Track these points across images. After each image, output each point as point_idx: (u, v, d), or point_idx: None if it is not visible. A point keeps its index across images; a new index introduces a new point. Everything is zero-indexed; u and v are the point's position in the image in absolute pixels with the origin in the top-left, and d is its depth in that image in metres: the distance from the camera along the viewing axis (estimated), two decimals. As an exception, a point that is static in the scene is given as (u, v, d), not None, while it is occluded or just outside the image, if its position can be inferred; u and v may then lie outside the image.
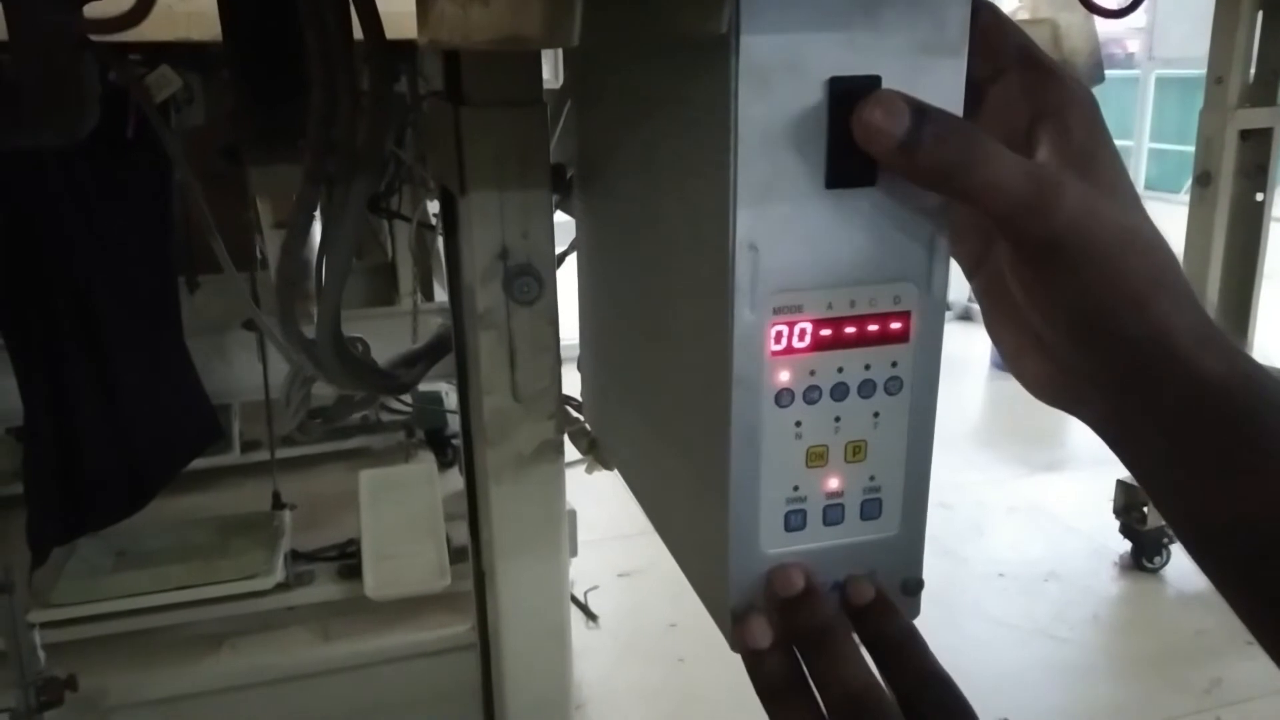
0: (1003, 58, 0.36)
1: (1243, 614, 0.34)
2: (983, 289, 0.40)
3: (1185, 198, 2.11)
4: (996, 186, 0.32)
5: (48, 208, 1.18)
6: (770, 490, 0.37)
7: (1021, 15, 2.18)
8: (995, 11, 0.36)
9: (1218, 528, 0.34)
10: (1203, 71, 1.98)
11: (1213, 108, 1.97)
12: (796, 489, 0.38)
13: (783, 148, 0.33)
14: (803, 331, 0.36)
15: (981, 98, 0.36)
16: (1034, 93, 0.36)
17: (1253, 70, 1.94)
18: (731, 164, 0.33)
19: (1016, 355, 0.40)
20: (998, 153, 0.32)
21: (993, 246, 0.39)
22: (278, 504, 1.60)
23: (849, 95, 0.33)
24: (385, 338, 1.19)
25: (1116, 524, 2.30)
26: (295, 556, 1.52)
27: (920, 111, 0.32)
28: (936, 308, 0.37)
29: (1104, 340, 0.34)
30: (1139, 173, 5.14)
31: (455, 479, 1.79)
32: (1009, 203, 0.32)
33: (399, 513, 1.58)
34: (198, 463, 1.52)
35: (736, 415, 0.36)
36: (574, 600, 2.06)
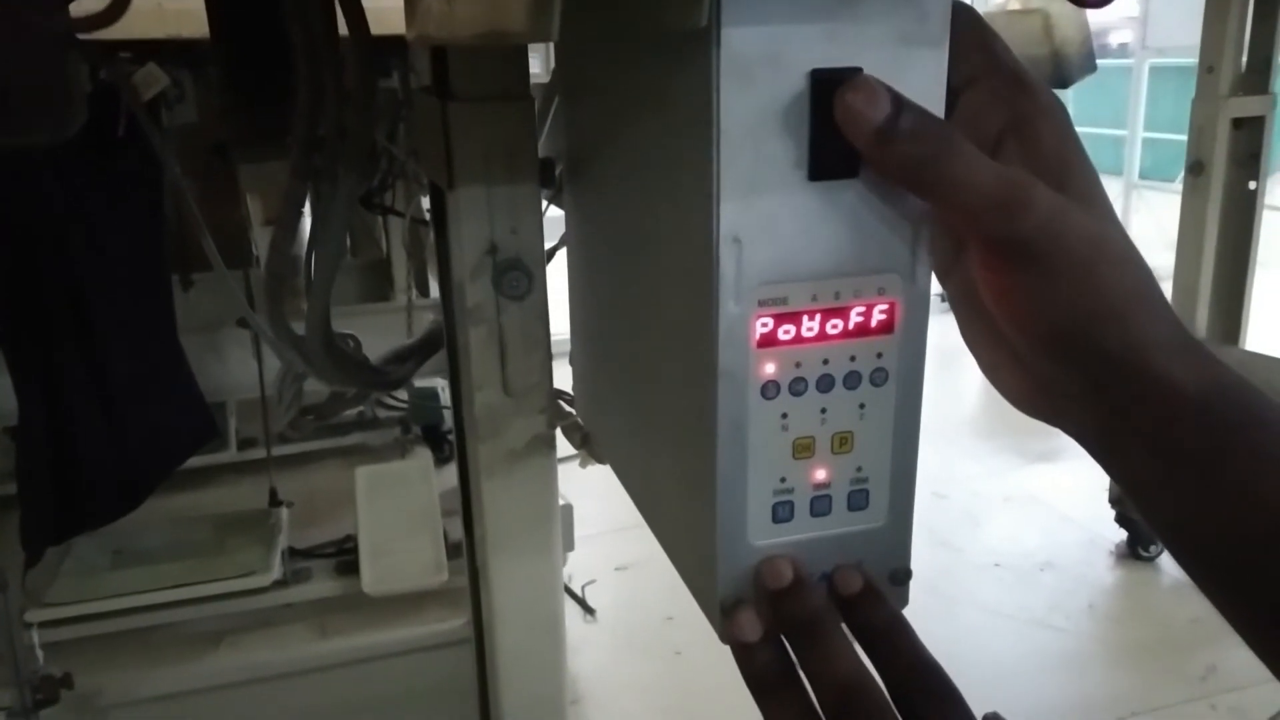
0: (976, 64, 0.36)
1: (1230, 619, 0.35)
2: (956, 297, 0.40)
3: (1179, 186, 2.11)
4: (966, 184, 0.32)
5: (39, 206, 1.18)
6: (757, 482, 0.37)
7: (1013, 5, 2.18)
8: (973, 16, 0.36)
9: (1202, 539, 0.34)
10: (1195, 60, 1.98)
11: (1205, 97, 1.97)
12: (784, 481, 0.38)
13: (765, 140, 0.33)
14: (787, 324, 0.36)
15: (953, 104, 0.36)
16: (1005, 101, 0.36)
17: (1244, 59, 1.94)
18: (714, 157, 0.33)
19: (994, 369, 0.40)
20: (970, 151, 0.33)
21: (963, 254, 0.39)
22: (274, 501, 1.60)
23: (831, 87, 0.33)
24: (380, 334, 1.19)
25: (1112, 513, 2.30)
26: (292, 553, 1.52)
27: (899, 103, 0.32)
28: (921, 299, 0.37)
29: (1079, 353, 0.34)
30: (1133, 162, 5.13)
31: (452, 475, 1.78)
32: (979, 202, 0.32)
33: (396, 509, 1.58)
34: (194, 460, 1.52)
35: (722, 408, 0.36)
36: (571, 594, 2.06)
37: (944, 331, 0.42)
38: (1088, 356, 0.34)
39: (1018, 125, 0.36)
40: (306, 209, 0.79)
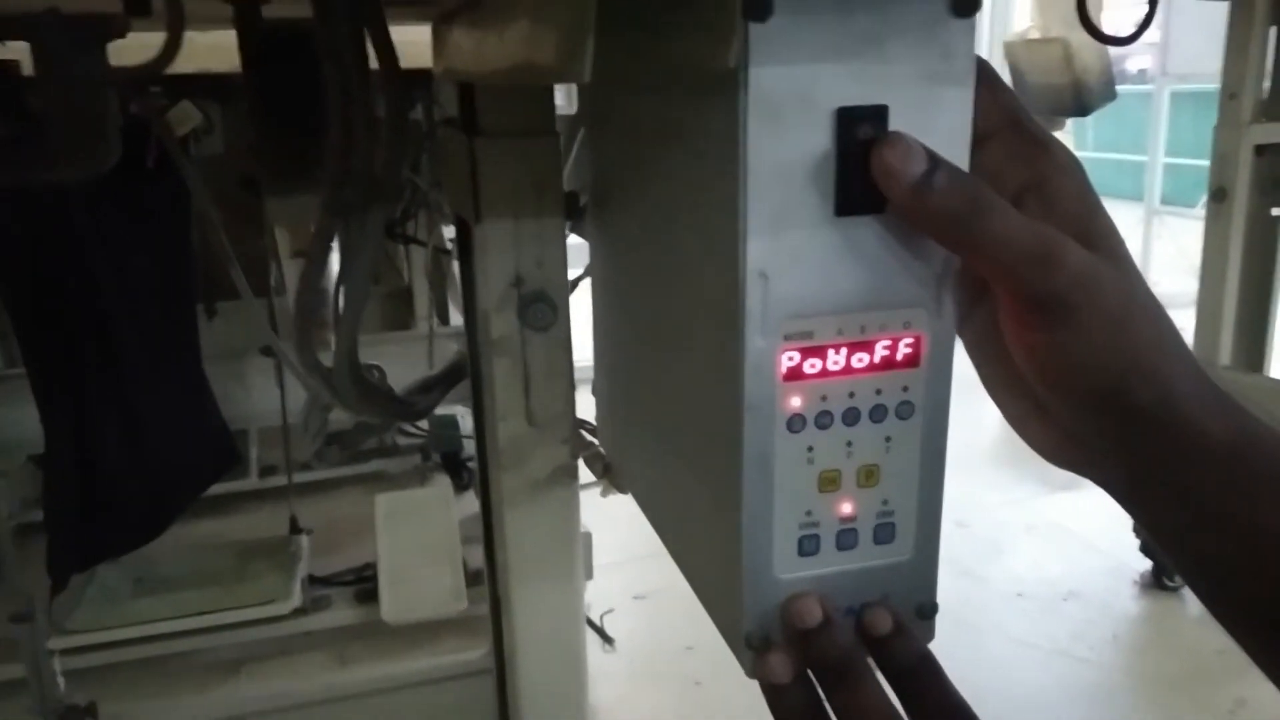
0: (992, 121, 0.36)
1: (1263, 666, 0.35)
2: (974, 346, 0.40)
3: (1200, 212, 2.10)
4: (1002, 239, 0.33)
5: (68, 236, 1.20)
6: (783, 515, 0.38)
7: (1033, 35, 2.20)
8: (988, 70, 0.36)
9: (1232, 587, 0.34)
10: (1217, 86, 1.98)
11: (1227, 123, 1.96)
12: (809, 514, 0.38)
13: (792, 177, 0.34)
14: (814, 357, 0.36)
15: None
16: (1022, 160, 0.36)
17: (1266, 85, 1.94)
18: (742, 193, 0.34)
19: (1020, 420, 0.40)
20: (1004, 207, 0.33)
21: (978, 306, 0.39)
22: (295, 529, 1.61)
23: (857, 125, 0.33)
24: (401, 361, 1.20)
25: (1136, 542, 2.27)
26: (312, 581, 1.52)
27: (934, 159, 0.33)
28: (947, 332, 0.37)
29: (1110, 407, 0.34)
30: (1154, 188, 5.12)
31: (471, 502, 1.80)
32: (1014, 257, 0.33)
33: (415, 536, 1.59)
34: (215, 488, 1.53)
35: (749, 441, 0.36)
36: (590, 623, 2.05)
37: (965, 360, 0.42)
38: (1119, 410, 0.34)
39: (1038, 184, 0.36)
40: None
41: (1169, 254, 4.75)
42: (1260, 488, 0.33)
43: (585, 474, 0.72)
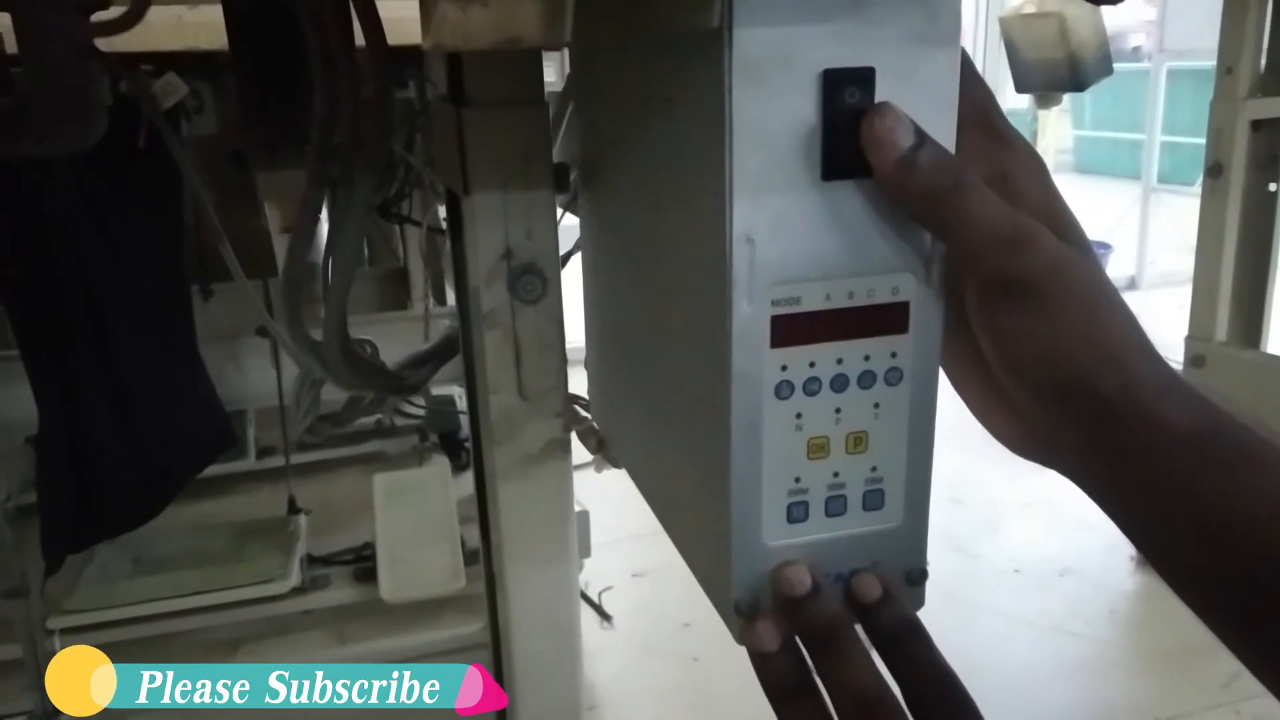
0: (960, 115, 0.36)
1: (1236, 652, 0.35)
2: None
3: (1198, 190, 2.09)
4: (980, 220, 0.33)
5: (60, 217, 1.19)
6: (772, 482, 0.38)
7: (1029, 9, 2.18)
8: (964, 63, 0.36)
9: (1202, 578, 0.35)
10: (1213, 63, 1.97)
11: (1223, 98, 1.95)
12: (798, 481, 0.38)
13: (778, 141, 0.34)
14: (801, 324, 0.36)
15: None
16: (986, 154, 0.37)
17: (1263, 60, 1.92)
18: (727, 158, 0.34)
19: (985, 412, 0.40)
20: (982, 189, 0.34)
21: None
22: (293, 509, 1.61)
23: (844, 87, 0.33)
24: (397, 342, 1.20)
25: (1132, 519, 2.28)
26: (311, 560, 1.53)
27: (921, 135, 0.33)
28: (935, 298, 0.37)
29: (1077, 396, 0.34)
30: (1151, 166, 5.10)
31: (469, 482, 1.79)
32: (993, 237, 0.33)
33: (413, 516, 1.59)
34: (213, 469, 1.53)
35: (737, 408, 0.36)
36: (588, 601, 2.06)
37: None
38: (1085, 399, 0.34)
39: (1002, 178, 0.36)
40: (324, 216, 0.79)
41: (1166, 232, 4.75)
42: (1222, 478, 0.33)
43: (581, 453, 0.72)
